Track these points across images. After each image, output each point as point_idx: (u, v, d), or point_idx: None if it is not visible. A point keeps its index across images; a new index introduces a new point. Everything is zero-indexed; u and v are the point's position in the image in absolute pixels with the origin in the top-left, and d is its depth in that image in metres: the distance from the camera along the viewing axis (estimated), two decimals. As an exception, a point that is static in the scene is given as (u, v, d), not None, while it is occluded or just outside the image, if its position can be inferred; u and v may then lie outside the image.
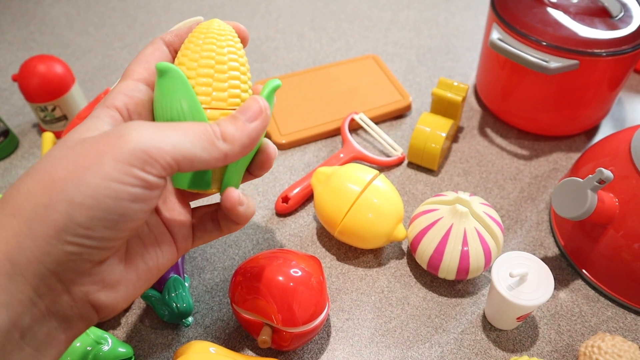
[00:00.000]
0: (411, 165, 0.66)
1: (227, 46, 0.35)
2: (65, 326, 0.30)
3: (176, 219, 0.37)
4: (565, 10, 0.61)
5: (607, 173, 0.44)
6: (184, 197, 0.39)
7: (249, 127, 0.33)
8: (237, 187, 0.37)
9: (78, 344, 0.45)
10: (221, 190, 0.36)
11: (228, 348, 0.49)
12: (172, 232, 0.37)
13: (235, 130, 0.32)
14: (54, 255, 0.27)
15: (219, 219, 0.38)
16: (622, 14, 0.62)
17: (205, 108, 0.34)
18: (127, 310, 0.52)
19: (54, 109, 0.66)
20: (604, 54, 0.57)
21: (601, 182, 0.45)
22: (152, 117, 0.35)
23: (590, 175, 0.46)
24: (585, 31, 0.59)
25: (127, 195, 0.28)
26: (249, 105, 0.33)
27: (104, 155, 0.28)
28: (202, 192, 0.36)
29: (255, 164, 0.39)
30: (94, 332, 0.46)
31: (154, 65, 0.35)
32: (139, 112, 0.34)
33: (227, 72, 0.34)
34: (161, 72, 0.33)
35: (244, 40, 0.38)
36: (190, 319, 0.50)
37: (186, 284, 0.51)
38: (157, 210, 0.37)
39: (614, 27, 0.59)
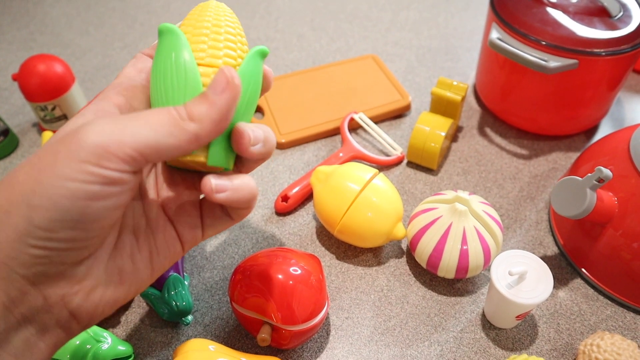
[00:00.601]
0: (410, 164, 0.66)
1: (224, 15, 0.34)
2: (43, 334, 0.29)
3: (182, 206, 0.35)
4: (565, 10, 0.62)
5: (606, 172, 0.44)
6: (191, 181, 0.36)
7: (217, 101, 0.30)
8: (226, 167, 0.34)
9: (77, 342, 0.45)
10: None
11: (227, 346, 0.49)
12: (176, 223, 0.35)
13: (202, 107, 0.30)
14: (21, 259, 0.26)
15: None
16: (622, 13, 0.62)
17: (199, 64, 0.32)
18: (126, 308, 0.52)
19: (53, 109, 0.66)
20: (603, 54, 0.57)
21: (600, 180, 0.46)
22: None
23: (589, 174, 0.46)
24: (585, 31, 0.59)
25: (83, 194, 0.26)
26: (216, 78, 0.31)
27: (58, 155, 0.27)
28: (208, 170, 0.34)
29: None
30: (93, 330, 0.46)
31: (133, 83, 0.34)
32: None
33: (222, 35, 0.33)
34: (160, 33, 0.33)
35: (267, 84, 0.37)
36: (189, 317, 0.50)
37: (186, 283, 0.51)
38: (160, 202, 0.35)
39: (613, 27, 0.60)
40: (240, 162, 0.36)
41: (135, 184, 0.29)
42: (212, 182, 0.31)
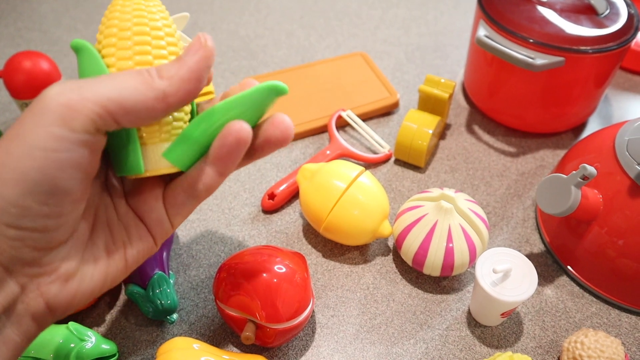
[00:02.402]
0: (398, 162, 0.66)
1: (134, 10, 0.33)
2: (16, 326, 0.28)
3: (144, 201, 0.34)
4: (552, 8, 0.62)
5: (591, 169, 0.44)
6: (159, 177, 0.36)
7: (188, 60, 0.30)
8: (180, 167, 0.34)
9: (60, 341, 0.45)
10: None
11: (212, 345, 0.49)
12: (143, 217, 0.34)
13: (173, 66, 0.29)
14: None
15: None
16: (608, 11, 0.62)
17: (110, 67, 0.32)
18: (111, 307, 0.52)
19: (39, 106, 0.66)
20: (590, 51, 0.57)
21: (585, 178, 0.46)
22: None
23: (573, 172, 0.46)
24: (571, 28, 0.59)
25: (52, 164, 0.26)
26: (191, 42, 0.31)
27: (25, 122, 0.26)
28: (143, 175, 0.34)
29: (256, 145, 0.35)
30: (76, 328, 0.46)
31: None
32: None
33: (130, 38, 0.32)
34: (74, 50, 0.32)
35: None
36: (174, 315, 0.50)
37: (171, 281, 0.51)
38: (126, 198, 0.35)
39: (600, 25, 0.60)
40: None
41: (99, 151, 0.29)
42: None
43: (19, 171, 0.26)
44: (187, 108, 0.36)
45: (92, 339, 0.46)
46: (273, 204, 0.59)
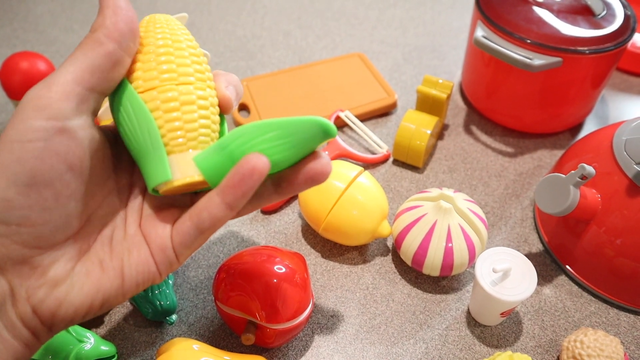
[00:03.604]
0: (396, 162, 0.66)
1: (157, 30, 0.34)
2: (10, 330, 0.28)
3: (154, 227, 0.33)
4: (549, 9, 0.62)
5: (589, 169, 0.45)
6: (169, 209, 0.35)
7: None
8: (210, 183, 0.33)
9: (59, 342, 0.45)
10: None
11: (212, 345, 0.49)
12: (150, 243, 0.33)
13: (103, 17, 0.30)
14: None
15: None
16: (605, 12, 0.62)
17: (140, 92, 0.32)
18: (109, 308, 0.52)
19: (36, 106, 0.66)
20: (587, 52, 0.57)
21: (583, 177, 0.46)
22: None
23: (572, 171, 0.46)
24: (569, 29, 0.59)
25: (29, 154, 0.27)
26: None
27: (11, 122, 0.27)
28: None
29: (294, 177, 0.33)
30: (75, 330, 0.46)
31: None
32: None
33: (152, 55, 0.33)
34: None
35: (224, 108, 0.36)
36: (174, 316, 0.50)
37: (170, 282, 0.51)
38: (140, 222, 0.34)
39: (596, 26, 0.60)
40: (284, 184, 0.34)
41: (84, 140, 0.29)
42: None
43: (1, 165, 0.27)
44: (216, 117, 0.34)
45: (91, 340, 0.46)
46: (272, 205, 0.59)
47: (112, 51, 0.30)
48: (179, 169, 0.32)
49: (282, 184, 0.34)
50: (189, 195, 0.36)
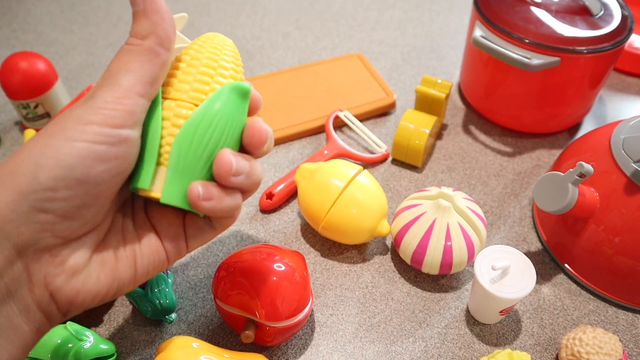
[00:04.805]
0: (395, 162, 0.66)
1: (212, 48, 0.35)
2: (25, 315, 0.29)
3: (164, 216, 0.35)
4: (547, 9, 0.62)
5: (587, 167, 0.45)
6: None
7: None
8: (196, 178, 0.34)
9: (59, 341, 0.45)
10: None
11: (212, 344, 0.49)
12: (160, 231, 0.35)
13: (144, 23, 0.31)
14: (17, 222, 0.27)
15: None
16: (602, 12, 0.62)
17: (165, 98, 0.33)
18: (109, 307, 0.52)
19: (36, 106, 0.66)
20: (585, 52, 0.58)
21: (582, 175, 0.46)
22: None
23: (571, 169, 0.46)
24: (566, 29, 0.59)
25: (90, 153, 0.28)
26: None
27: (68, 120, 0.28)
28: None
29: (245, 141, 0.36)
30: (75, 328, 0.46)
31: None
32: None
33: (196, 68, 0.34)
34: None
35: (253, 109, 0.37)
36: (173, 315, 0.50)
37: (169, 280, 0.51)
38: (145, 209, 0.36)
39: (594, 26, 0.60)
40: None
41: (134, 153, 0.31)
42: (199, 189, 0.32)
43: (56, 157, 0.27)
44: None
45: (90, 339, 0.46)
46: (271, 204, 0.59)
47: (167, 60, 0.31)
48: (160, 183, 0.33)
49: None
50: None
